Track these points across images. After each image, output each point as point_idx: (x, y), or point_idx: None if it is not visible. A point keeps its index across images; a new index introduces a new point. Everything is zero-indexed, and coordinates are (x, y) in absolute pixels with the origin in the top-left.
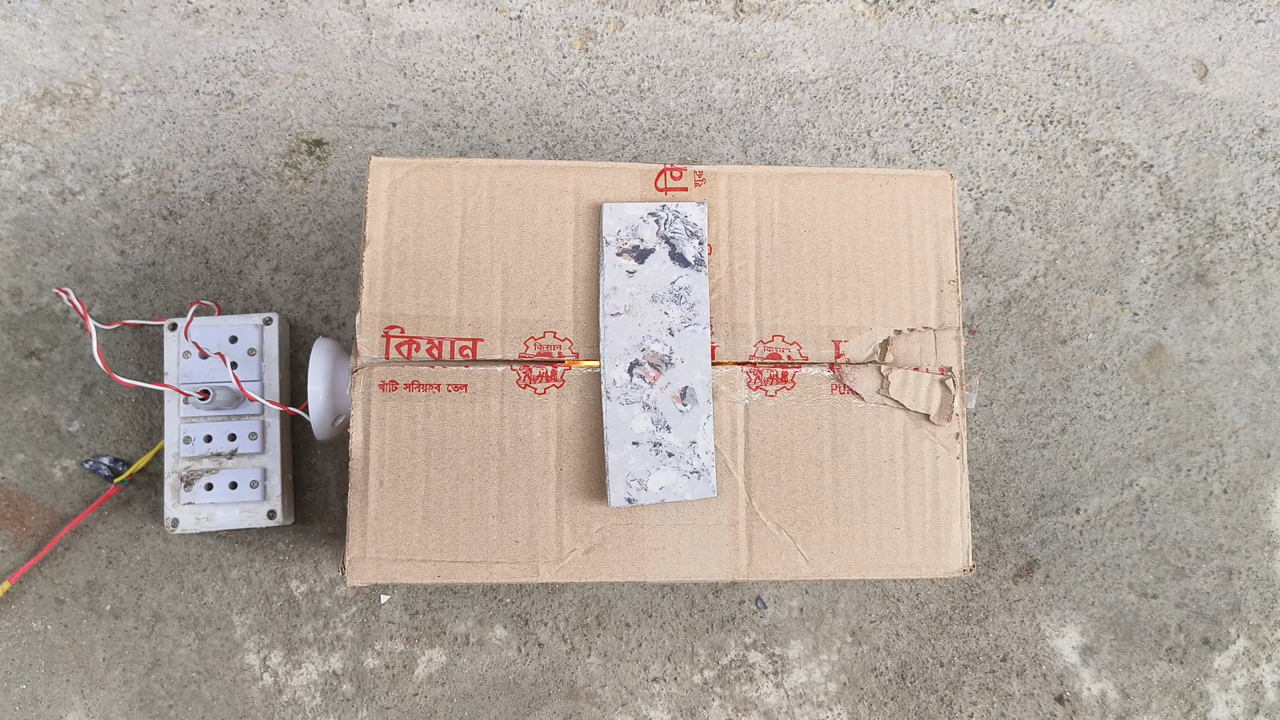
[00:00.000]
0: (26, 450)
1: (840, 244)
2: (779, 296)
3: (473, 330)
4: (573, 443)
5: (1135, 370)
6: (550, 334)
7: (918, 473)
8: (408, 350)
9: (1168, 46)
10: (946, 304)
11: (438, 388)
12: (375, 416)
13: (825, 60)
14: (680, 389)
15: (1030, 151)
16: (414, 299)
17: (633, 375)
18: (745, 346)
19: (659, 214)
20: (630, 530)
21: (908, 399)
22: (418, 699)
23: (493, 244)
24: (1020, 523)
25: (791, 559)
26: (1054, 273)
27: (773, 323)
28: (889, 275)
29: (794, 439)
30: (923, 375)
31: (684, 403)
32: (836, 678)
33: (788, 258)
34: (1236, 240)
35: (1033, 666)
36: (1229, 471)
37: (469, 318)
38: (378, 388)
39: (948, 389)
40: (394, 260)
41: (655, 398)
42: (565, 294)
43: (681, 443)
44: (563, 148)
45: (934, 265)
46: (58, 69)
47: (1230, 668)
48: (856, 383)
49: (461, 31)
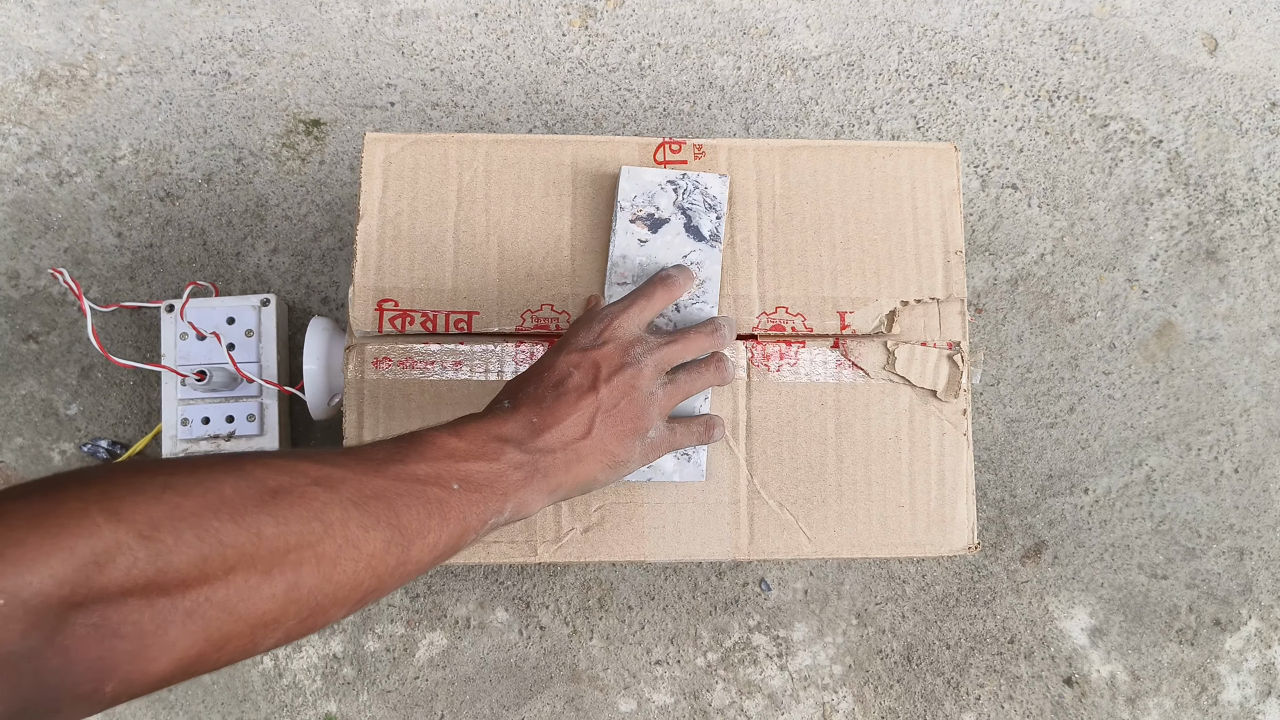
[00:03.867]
0: (25, 434)
1: (843, 215)
2: (782, 268)
3: (468, 303)
4: None
5: (1145, 348)
6: (547, 306)
7: (923, 449)
8: (401, 323)
9: (1177, 20)
10: (953, 275)
11: (432, 364)
12: (369, 395)
13: (828, 36)
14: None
15: (1037, 127)
16: (408, 272)
17: None
18: (748, 318)
19: (679, 183)
20: (629, 509)
21: (914, 375)
22: (419, 682)
23: (489, 217)
24: (1028, 503)
25: (794, 538)
26: (1062, 250)
27: (775, 294)
28: (894, 246)
29: (797, 416)
30: (930, 350)
31: None
32: (841, 660)
33: (790, 229)
34: (1247, 216)
35: (1041, 648)
36: (1240, 450)
37: (464, 290)
38: (370, 364)
39: (955, 365)
40: (388, 234)
41: None
42: (563, 266)
43: None
44: (562, 126)
45: (940, 236)
46: (53, 50)
47: (1242, 649)
48: (862, 358)
49: (460, 10)
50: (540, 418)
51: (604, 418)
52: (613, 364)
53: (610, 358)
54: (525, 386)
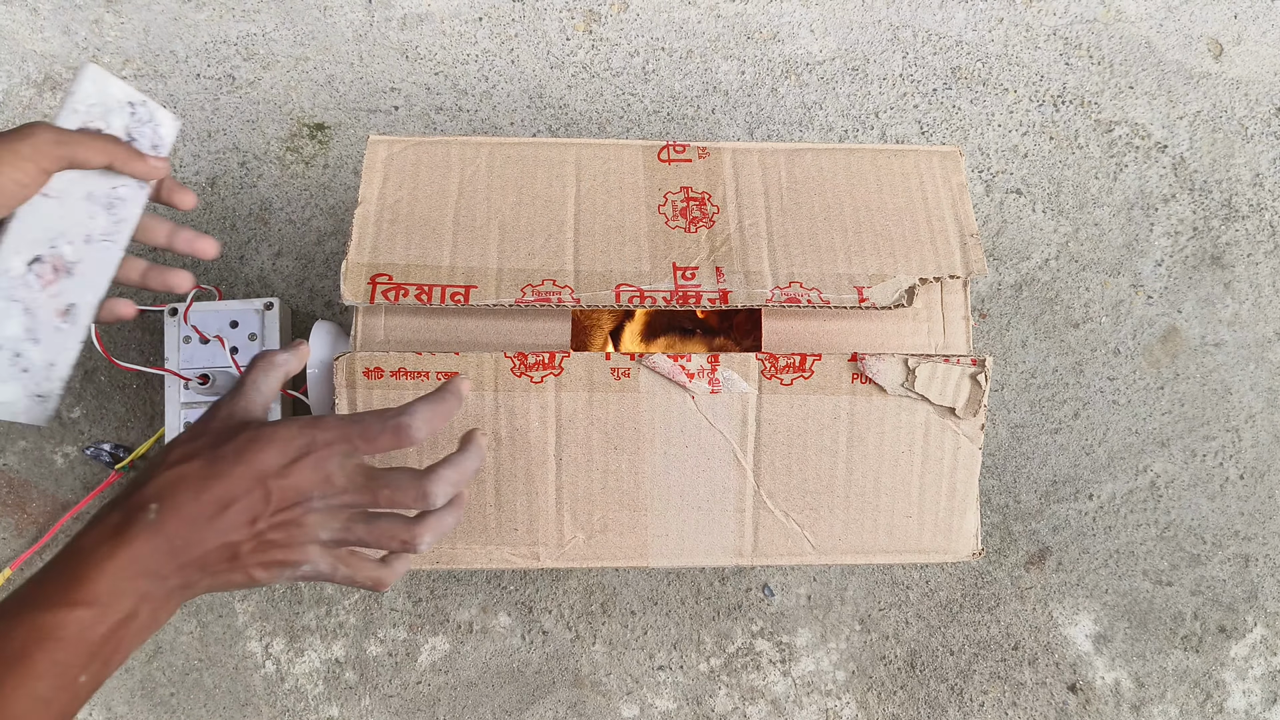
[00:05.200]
0: (28, 437)
1: (853, 204)
2: (793, 248)
3: (465, 278)
4: (574, 433)
5: (1149, 354)
6: (549, 281)
7: (936, 462)
8: (395, 295)
9: (1182, 25)
10: (971, 255)
11: (425, 375)
12: (361, 405)
13: (833, 41)
14: (67, 304)
15: (1042, 132)
16: (404, 250)
17: (29, 270)
18: (761, 292)
19: (138, 110)
20: (633, 517)
21: (934, 393)
22: (421, 687)
23: (490, 205)
24: (1032, 509)
25: (798, 544)
26: (1066, 255)
27: (789, 271)
28: (907, 230)
29: (808, 429)
30: (952, 368)
31: (65, 319)
32: (845, 666)
33: (799, 215)
34: (1253, 222)
35: (1045, 655)
36: (1245, 457)
37: (462, 267)
38: (361, 375)
39: (978, 384)
40: (385, 218)
41: (39, 303)
42: (566, 247)
43: (41, 361)
44: (566, 130)
45: (953, 222)
46: (58, 54)
47: (1247, 656)
48: (879, 375)
49: (464, 14)
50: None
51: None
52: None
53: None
54: None
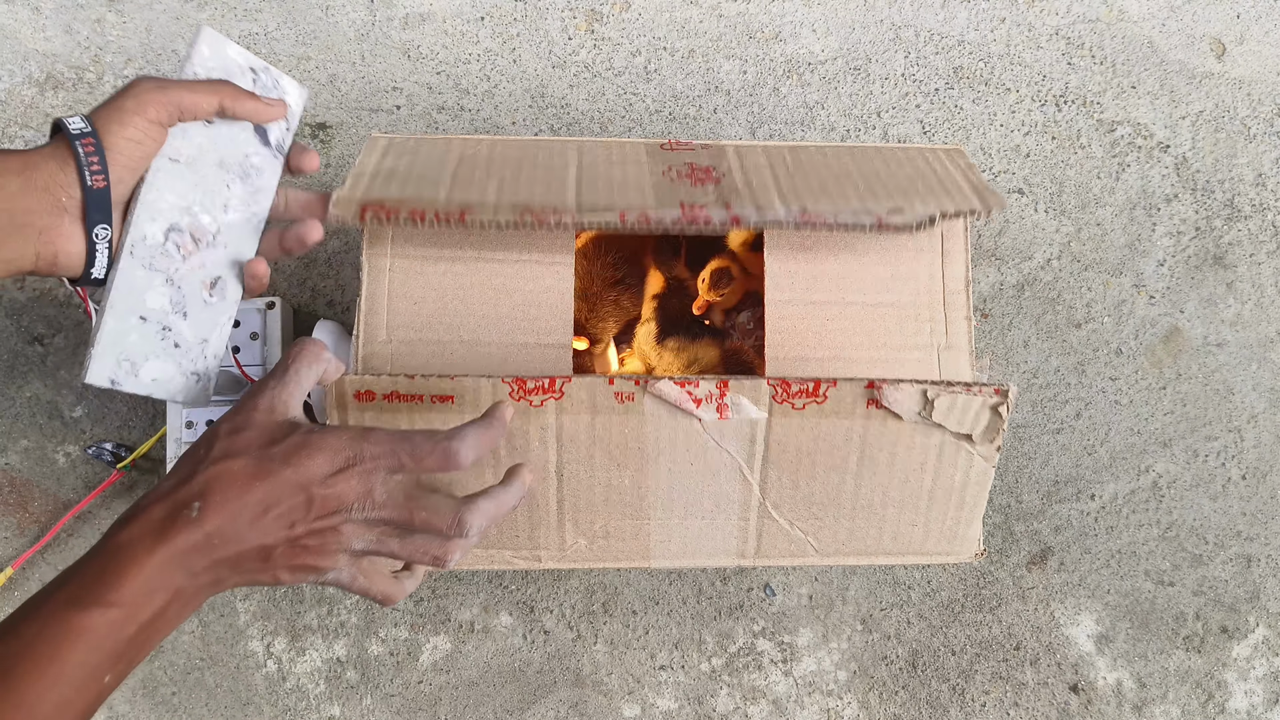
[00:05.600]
0: (30, 436)
1: (861, 174)
2: (804, 192)
3: (461, 208)
4: (575, 451)
5: (1151, 354)
6: (549, 210)
7: (947, 479)
8: (385, 217)
9: (1184, 24)
10: (990, 197)
11: (420, 399)
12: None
13: (834, 40)
14: (213, 277)
15: (1044, 132)
16: (399, 192)
17: (168, 239)
18: (774, 218)
19: (260, 76)
20: (635, 525)
21: (952, 423)
22: (422, 686)
23: (489, 171)
24: (1034, 509)
25: (800, 547)
26: (1068, 255)
27: (800, 204)
28: (920, 184)
29: (818, 449)
30: (973, 399)
31: (212, 293)
32: (846, 666)
33: (809, 176)
34: (1255, 222)
35: (1046, 655)
36: (1248, 457)
37: (459, 200)
38: (353, 398)
39: (998, 414)
40: (381, 175)
41: (183, 275)
42: (569, 200)
43: (193, 337)
44: (568, 130)
45: (966, 183)
46: (60, 53)
47: (1249, 656)
48: (896, 404)
49: (466, 13)
50: None
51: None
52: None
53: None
54: None
